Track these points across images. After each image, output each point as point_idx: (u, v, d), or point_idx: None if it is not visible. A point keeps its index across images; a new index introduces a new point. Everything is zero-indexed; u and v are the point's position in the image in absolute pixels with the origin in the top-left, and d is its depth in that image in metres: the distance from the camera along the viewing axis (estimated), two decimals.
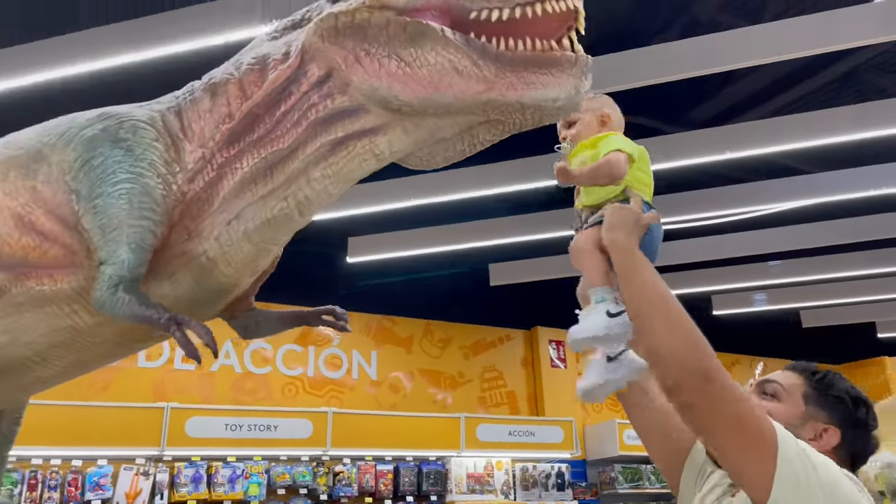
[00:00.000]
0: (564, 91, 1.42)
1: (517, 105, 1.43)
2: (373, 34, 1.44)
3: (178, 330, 1.39)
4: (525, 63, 1.42)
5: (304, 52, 1.51)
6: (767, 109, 6.51)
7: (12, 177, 1.57)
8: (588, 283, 1.63)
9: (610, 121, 1.79)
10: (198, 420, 6.54)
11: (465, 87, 1.41)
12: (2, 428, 1.99)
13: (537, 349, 9.77)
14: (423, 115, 1.48)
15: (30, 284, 1.54)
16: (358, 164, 1.54)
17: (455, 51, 1.41)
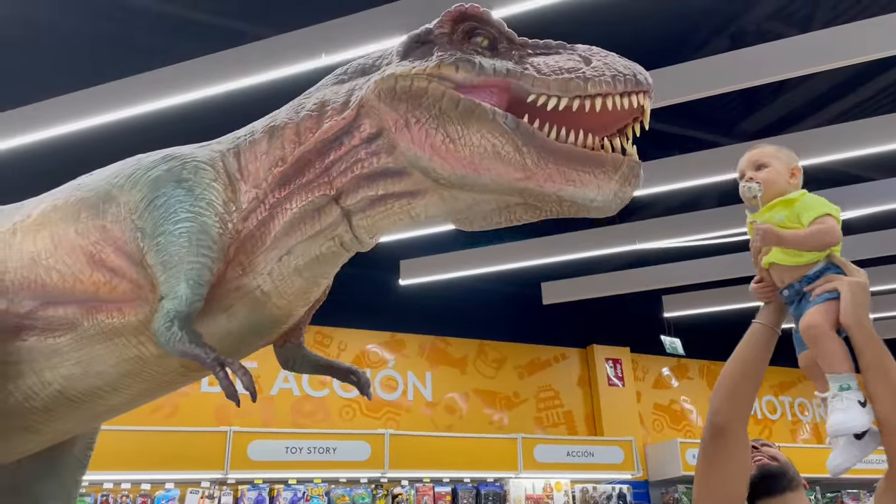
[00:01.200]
0: (602, 194, 1.41)
1: (554, 197, 1.44)
2: (427, 103, 1.47)
3: (221, 371, 1.45)
4: (569, 158, 1.42)
5: (361, 107, 1.55)
6: (824, 117, 6.35)
7: (83, 217, 1.67)
8: (829, 367, 1.63)
9: (799, 174, 1.82)
10: (259, 443, 6.67)
11: (504, 172, 1.43)
12: (76, 452, 2.10)
13: (593, 367, 9.64)
14: (461, 189, 1.51)
15: (100, 318, 1.63)
16: (392, 222, 1.60)
17: (501, 135, 1.42)
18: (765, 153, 1.84)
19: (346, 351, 8.39)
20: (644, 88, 1.44)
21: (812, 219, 1.70)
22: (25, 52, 5.32)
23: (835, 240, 1.70)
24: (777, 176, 1.79)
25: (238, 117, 1.87)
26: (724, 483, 1.75)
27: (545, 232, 7.24)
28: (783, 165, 1.81)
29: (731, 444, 1.74)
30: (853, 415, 1.56)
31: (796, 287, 1.74)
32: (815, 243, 1.70)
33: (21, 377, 1.71)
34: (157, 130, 4.54)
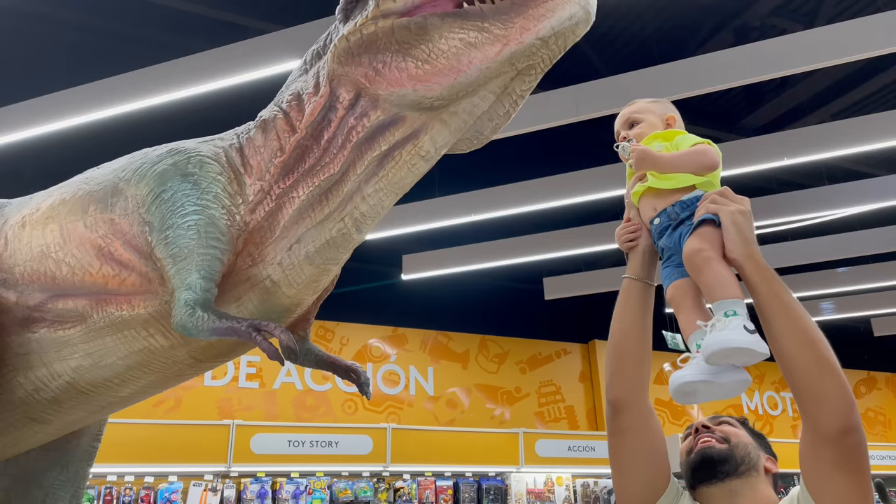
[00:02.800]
0: (573, 5, 1.40)
1: (538, 42, 1.42)
2: (383, 45, 1.48)
3: (258, 335, 1.45)
4: (524, 2, 1.41)
5: (331, 80, 1.56)
6: (826, 113, 6.35)
7: (92, 210, 1.68)
8: (712, 294, 1.46)
9: (675, 124, 1.74)
10: (262, 437, 6.71)
11: (484, 54, 1.43)
12: (84, 444, 2.12)
13: (595, 363, 9.66)
14: (456, 100, 1.50)
15: (110, 310, 1.64)
16: (408, 170, 1.59)
17: (460, 28, 1.43)
18: (636, 108, 1.76)
19: (348, 345, 8.42)
20: None
21: (690, 145, 1.61)
22: (28, 46, 5.34)
23: (713, 162, 1.58)
24: (650, 129, 1.71)
25: (242, 112, 1.89)
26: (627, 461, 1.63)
27: (547, 227, 7.26)
28: (657, 118, 1.73)
29: (631, 420, 1.62)
30: (729, 333, 1.36)
31: (669, 211, 1.61)
32: (693, 164, 1.58)
33: (31, 369, 1.72)
34: (161, 124, 4.56)
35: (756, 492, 1.69)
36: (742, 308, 1.41)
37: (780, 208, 6.53)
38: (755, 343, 1.36)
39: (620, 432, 1.64)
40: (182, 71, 4.17)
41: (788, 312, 1.38)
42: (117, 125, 4.68)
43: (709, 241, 1.47)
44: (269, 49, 4.04)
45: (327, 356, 1.93)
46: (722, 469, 1.68)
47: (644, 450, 1.63)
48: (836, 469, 1.34)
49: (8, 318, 1.72)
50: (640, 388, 1.64)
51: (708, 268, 1.45)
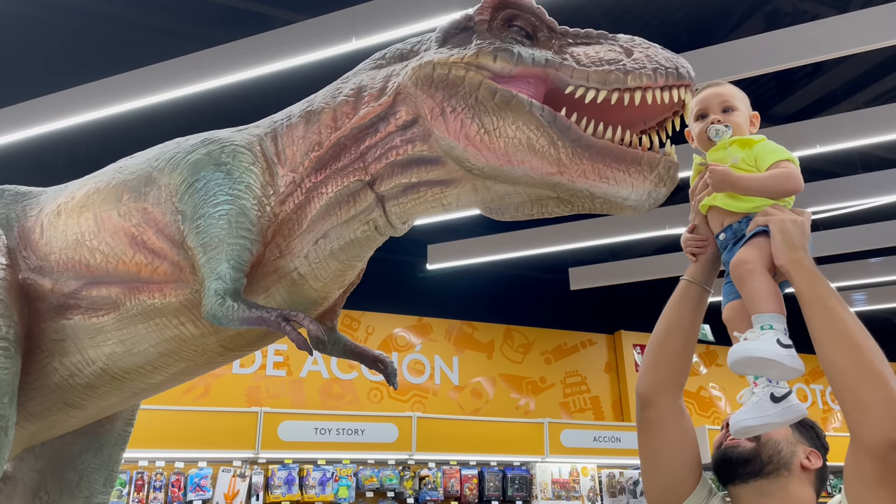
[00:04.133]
0: (636, 193, 1.39)
1: (586, 193, 1.42)
2: (463, 92, 1.46)
3: (287, 325, 1.47)
4: (604, 154, 1.39)
5: (398, 94, 1.55)
6: (860, 100, 6.21)
7: (125, 199, 1.71)
8: (752, 307, 1.43)
9: (757, 124, 1.67)
10: (289, 424, 6.78)
11: (537, 165, 1.41)
12: (117, 429, 2.17)
13: (621, 353, 9.60)
14: (494, 180, 1.49)
15: (142, 298, 1.67)
16: (425, 209, 1.60)
17: (536, 128, 1.41)
18: (733, 94, 1.67)
19: (373, 334, 8.47)
20: (685, 82, 1.41)
21: (772, 163, 1.53)
22: (60, 38, 5.42)
23: (796, 187, 1.51)
24: (744, 122, 1.64)
25: (270, 102, 1.90)
26: (654, 458, 1.60)
27: (573, 217, 7.21)
28: (747, 111, 1.66)
29: (659, 416, 1.59)
30: (761, 344, 1.34)
31: (734, 227, 1.56)
32: (775, 189, 1.51)
33: (66, 355, 1.76)
34: (192, 115, 4.61)
35: (787, 493, 1.62)
36: (780, 323, 1.38)
37: (811, 197, 6.41)
38: (785, 357, 1.32)
39: (648, 427, 1.61)
40: (211, 61, 4.21)
41: (832, 315, 1.34)
42: (148, 116, 4.75)
43: (756, 253, 1.45)
44: (294, 40, 4.05)
45: (355, 346, 1.95)
46: (745, 470, 1.62)
47: (672, 448, 1.60)
48: (877, 484, 1.27)
49: (43, 305, 1.76)
50: (674, 385, 1.62)
51: (750, 280, 1.44)
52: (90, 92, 4.59)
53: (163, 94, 4.43)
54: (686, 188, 5.97)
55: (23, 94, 4.84)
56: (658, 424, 1.60)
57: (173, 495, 6.39)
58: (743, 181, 1.52)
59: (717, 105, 1.64)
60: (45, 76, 5.28)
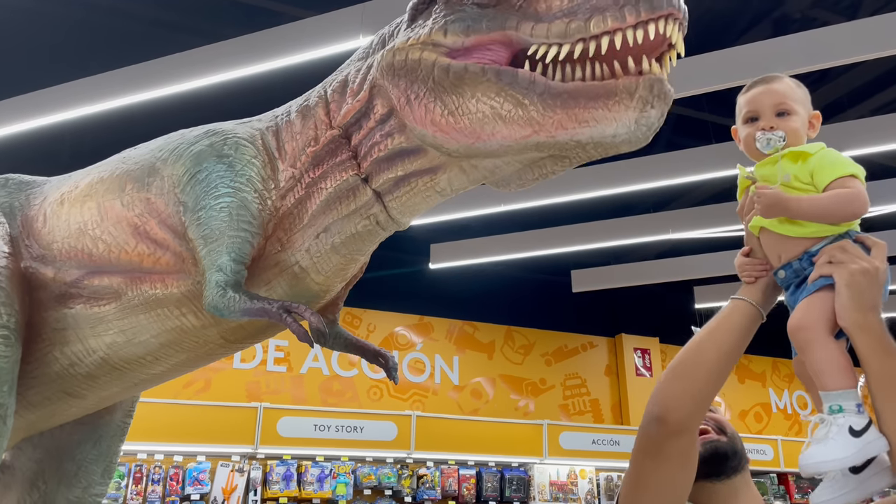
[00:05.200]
0: (623, 126, 1.23)
1: (573, 143, 1.29)
2: (422, 76, 1.39)
3: (289, 317, 1.45)
4: (576, 96, 1.26)
5: (372, 87, 1.51)
6: (867, 108, 6.19)
7: (129, 189, 1.71)
8: (819, 382, 1.25)
9: (818, 124, 1.44)
10: (288, 420, 6.79)
11: (510, 132, 1.31)
12: (116, 420, 2.17)
13: (621, 357, 9.59)
14: (476, 158, 1.42)
15: (144, 288, 1.67)
16: (422, 199, 1.56)
17: (497, 94, 1.31)
18: (787, 91, 1.42)
19: (374, 332, 8.47)
20: (663, 12, 1.20)
21: (831, 180, 1.31)
22: (65, 30, 5.44)
23: (861, 209, 1.30)
24: (802, 127, 1.40)
25: (276, 98, 1.89)
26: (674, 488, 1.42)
27: (577, 219, 7.20)
28: (805, 112, 1.42)
29: (687, 445, 1.41)
30: (834, 448, 1.16)
31: (795, 267, 1.35)
32: (836, 214, 1.30)
33: (67, 344, 1.76)
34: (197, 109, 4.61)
35: (750, 487, 1.60)
36: (850, 401, 1.21)
37: None
38: (861, 452, 1.16)
39: (673, 456, 1.40)
40: (217, 56, 4.22)
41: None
42: (153, 109, 4.75)
43: (816, 314, 1.26)
44: (301, 36, 4.05)
45: (356, 340, 1.94)
46: (730, 465, 1.56)
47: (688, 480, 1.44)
48: None
49: (45, 294, 1.76)
50: (702, 416, 1.45)
51: (810, 351, 1.26)
52: (95, 84, 4.60)
53: (168, 88, 4.44)
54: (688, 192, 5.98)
55: (27, 86, 4.86)
56: (684, 454, 1.41)
57: (171, 488, 6.40)
58: (797, 205, 1.31)
59: (770, 107, 1.42)
60: (49, 68, 5.29)
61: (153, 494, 6.34)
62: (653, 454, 1.42)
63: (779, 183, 1.34)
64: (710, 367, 1.39)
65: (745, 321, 1.41)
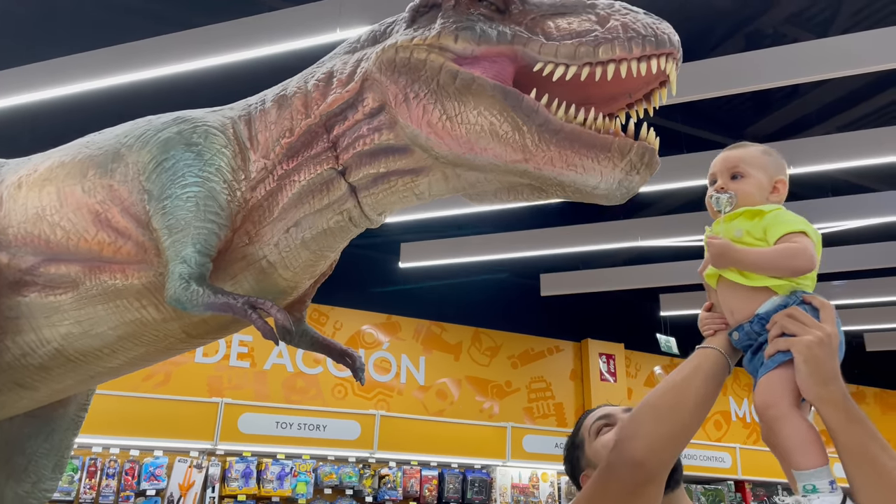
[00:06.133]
0: (605, 182, 1.29)
1: (555, 181, 1.33)
2: (425, 77, 1.39)
3: (254, 313, 1.42)
4: (572, 139, 1.29)
5: (364, 80, 1.49)
6: (834, 125, 6.33)
7: (91, 175, 1.65)
8: (788, 461, 1.24)
9: (782, 191, 1.46)
10: (250, 416, 6.70)
11: (501, 153, 1.34)
12: (70, 413, 2.10)
13: (587, 362, 9.66)
14: (461, 167, 1.43)
15: (103, 278, 1.62)
16: (398, 199, 1.55)
17: (499, 113, 1.33)
18: (745, 158, 1.47)
19: (341, 330, 8.40)
20: (666, 50, 1.30)
21: (781, 235, 1.33)
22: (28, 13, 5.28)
23: (809, 265, 1.30)
24: (756, 190, 1.43)
25: (248, 89, 1.85)
26: None
27: (547, 223, 7.23)
28: (766, 177, 1.45)
29: (657, 491, 1.38)
30: None
31: (747, 330, 1.35)
32: (782, 266, 1.31)
33: (19, 333, 1.70)
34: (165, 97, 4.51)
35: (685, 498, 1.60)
36: (823, 479, 1.20)
37: None
38: None
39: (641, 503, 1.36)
40: (186, 43, 4.13)
41: (876, 466, 1.16)
42: (119, 95, 4.64)
43: (779, 390, 1.25)
44: (276, 27, 3.99)
45: (323, 339, 1.91)
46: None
47: None
48: None
49: None
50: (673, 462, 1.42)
51: (778, 428, 1.24)
52: (61, 66, 4.47)
53: (135, 74, 4.33)
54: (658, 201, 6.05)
55: None
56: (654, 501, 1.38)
57: (126, 483, 6.26)
58: (744, 255, 1.33)
59: (726, 171, 1.46)
60: (12, 49, 5.13)
61: (107, 489, 6.19)
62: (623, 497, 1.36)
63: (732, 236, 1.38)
64: (690, 414, 1.36)
65: (717, 370, 1.39)
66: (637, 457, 1.33)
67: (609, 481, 1.38)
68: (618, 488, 1.37)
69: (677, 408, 1.35)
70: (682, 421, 1.35)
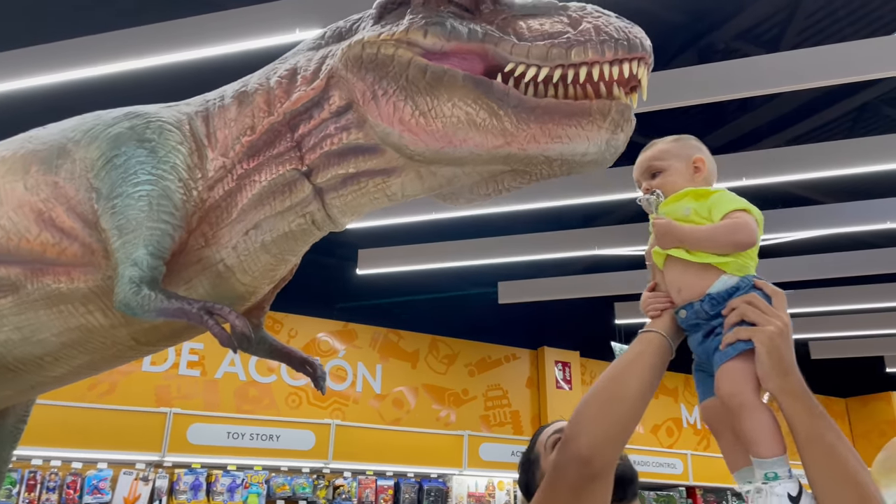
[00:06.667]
0: (594, 145, 1.29)
1: (542, 158, 1.32)
2: (394, 73, 1.36)
3: (210, 319, 1.35)
4: (551, 112, 1.29)
5: (330, 77, 1.44)
6: (784, 138, 6.50)
7: (34, 171, 1.56)
8: (749, 448, 1.26)
9: (704, 167, 1.49)
10: (200, 427, 6.51)
11: (482, 140, 1.32)
12: (8, 425, 1.98)
13: (543, 369, 9.70)
14: (438, 164, 1.39)
15: (46, 281, 1.52)
16: (368, 200, 1.50)
17: (473, 101, 1.31)
18: (655, 154, 1.52)
19: (296, 338, 8.26)
20: (638, 55, 1.30)
21: (725, 213, 1.37)
22: None
23: (751, 240, 1.34)
24: (677, 177, 1.47)
25: (206, 86, 1.77)
26: None
27: (506, 231, 7.24)
28: (682, 162, 1.49)
29: (605, 487, 1.37)
30: None
31: (697, 308, 1.37)
32: (725, 241, 1.34)
33: None
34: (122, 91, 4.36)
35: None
36: (783, 467, 1.23)
37: None
38: None
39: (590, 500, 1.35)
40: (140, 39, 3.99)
41: (833, 456, 1.19)
42: (67, 90, 4.46)
43: (742, 378, 1.27)
44: (233, 25, 3.89)
45: (282, 346, 1.84)
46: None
47: None
48: None
49: None
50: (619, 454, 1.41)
51: (744, 417, 1.26)
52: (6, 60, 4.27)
53: (84, 70, 4.16)
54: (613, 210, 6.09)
55: None
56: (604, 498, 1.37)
57: (68, 497, 6.01)
58: (689, 233, 1.37)
59: (644, 172, 1.52)
60: None
61: (47, 503, 5.92)
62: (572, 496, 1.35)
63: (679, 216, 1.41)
64: (633, 404, 1.36)
65: (660, 353, 1.40)
66: (582, 453, 1.32)
67: (557, 481, 1.37)
68: (565, 487, 1.35)
69: (618, 399, 1.35)
70: (624, 412, 1.34)
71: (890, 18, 5.47)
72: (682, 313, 1.40)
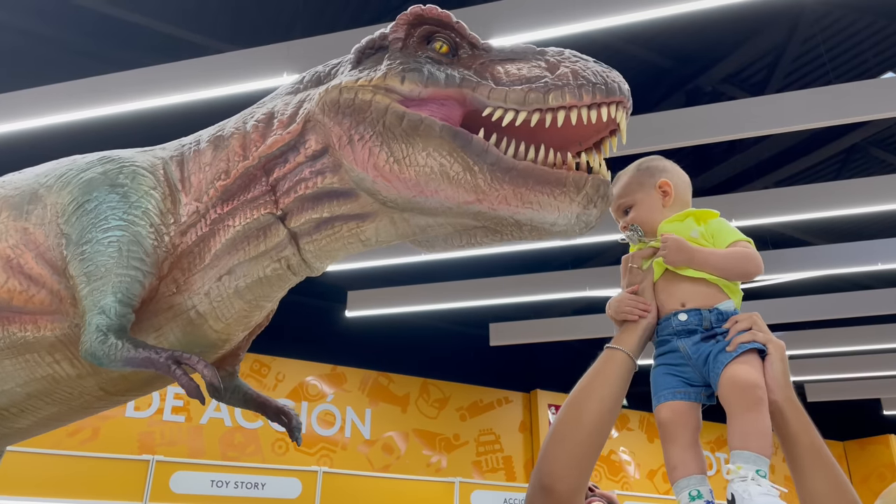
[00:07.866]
0: (563, 217, 1.27)
1: (511, 220, 1.30)
2: (370, 118, 1.34)
3: (178, 368, 1.29)
4: (526, 177, 1.27)
5: (307, 121, 1.42)
6: (772, 180, 6.55)
7: (4, 217, 1.51)
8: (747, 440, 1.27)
9: (671, 188, 1.52)
10: (183, 475, 6.33)
11: (453, 194, 1.30)
12: None
13: (536, 413, 9.56)
14: (410, 211, 1.37)
15: (12, 330, 1.46)
16: (342, 245, 1.46)
17: (449, 154, 1.29)
18: (623, 191, 1.54)
19: (283, 382, 8.12)
20: (616, 98, 1.29)
21: (731, 241, 1.43)
22: None
23: (757, 270, 1.41)
24: (647, 209, 1.50)
25: (193, 130, 1.75)
26: None
27: (496, 272, 7.21)
28: (648, 192, 1.52)
29: None
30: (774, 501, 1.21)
31: (704, 315, 1.40)
32: (734, 269, 1.40)
33: None
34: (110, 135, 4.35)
35: None
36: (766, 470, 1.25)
37: None
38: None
39: None
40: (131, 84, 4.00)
41: (828, 466, 1.26)
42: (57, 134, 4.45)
43: (760, 377, 1.31)
44: (222, 69, 3.91)
45: (257, 395, 1.77)
46: None
47: None
48: None
49: None
50: (588, 479, 1.36)
51: (759, 410, 1.27)
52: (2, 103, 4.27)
53: (75, 113, 4.16)
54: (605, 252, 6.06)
55: None
56: None
57: None
58: (700, 255, 1.40)
59: (618, 210, 1.55)
60: None
61: None
62: None
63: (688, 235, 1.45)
64: (592, 427, 1.33)
65: (622, 372, 1.40)
66: (543, 482, 1.29)
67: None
68: None
69: (577, 423, 1.33)
70: (584, 436, 1.32)
71: (875, 62, 5.57)
72: (681, 317, 1.42)
